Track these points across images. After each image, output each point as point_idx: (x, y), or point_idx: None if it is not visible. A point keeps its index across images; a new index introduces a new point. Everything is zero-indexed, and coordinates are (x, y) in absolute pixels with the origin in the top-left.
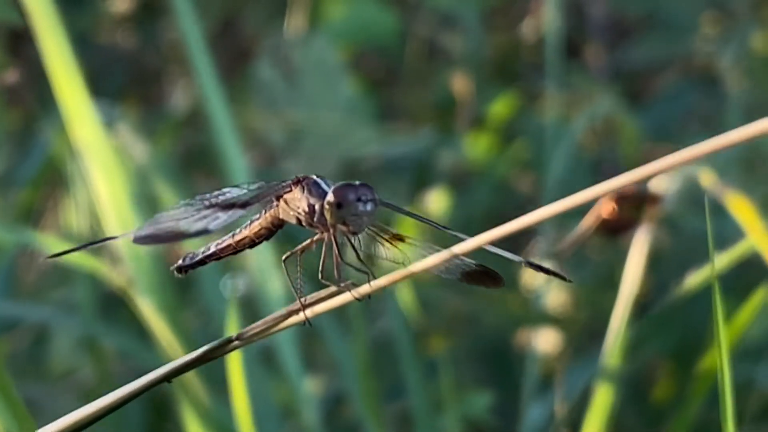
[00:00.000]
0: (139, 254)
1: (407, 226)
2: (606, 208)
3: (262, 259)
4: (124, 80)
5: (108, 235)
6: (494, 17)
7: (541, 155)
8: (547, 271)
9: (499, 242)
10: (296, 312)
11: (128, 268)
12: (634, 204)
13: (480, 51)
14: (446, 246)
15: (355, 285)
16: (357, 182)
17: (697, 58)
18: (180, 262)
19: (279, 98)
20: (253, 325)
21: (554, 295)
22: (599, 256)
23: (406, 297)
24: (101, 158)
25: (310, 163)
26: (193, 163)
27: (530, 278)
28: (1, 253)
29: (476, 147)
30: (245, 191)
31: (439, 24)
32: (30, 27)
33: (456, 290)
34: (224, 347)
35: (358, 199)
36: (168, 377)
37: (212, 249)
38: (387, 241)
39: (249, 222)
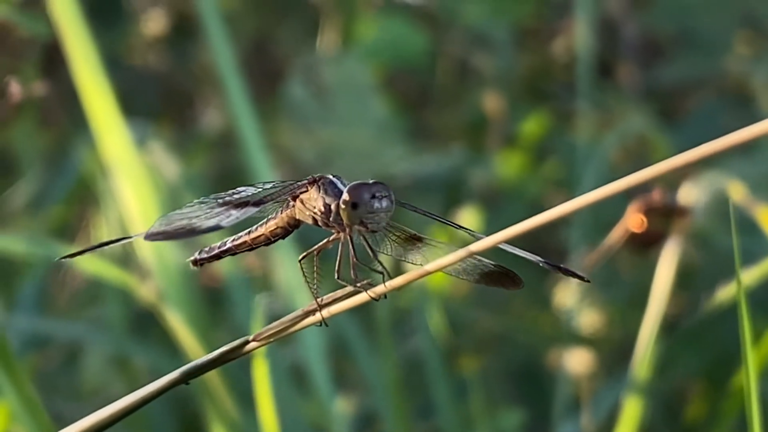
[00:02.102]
0: (169, 270)
1: (440, 233)
2: (634, 221)
3: (293, 282)
4: (157, 101)
5: (136, 253)
6: (526, 36)
7: (573, 174)
8: (564, 271)
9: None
10: (313, 312)
11: (158, 284)
12: (663, 216)
13: (512, 70)
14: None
15: (372, 285)
16: (371, 181)
17: (731, 77)
18: (196, 255)
19: (310, 117)
20: (270, 325)
21: (586, 315)
22: (632, 275)
23: (436, 316)
24: (132, 176)
25: None
26: (226, 182)
27: (562, 298)
28: (33, 269)
29: (508, 166)
30: (260, 190)
31: (471, 43)
32: (62, 47)
33: (488, 309)
34: (241, 348)
35: (373, 197)
36: (186, 378)
37: (228, 244)
38: (405, 241)
39: (265, 220)
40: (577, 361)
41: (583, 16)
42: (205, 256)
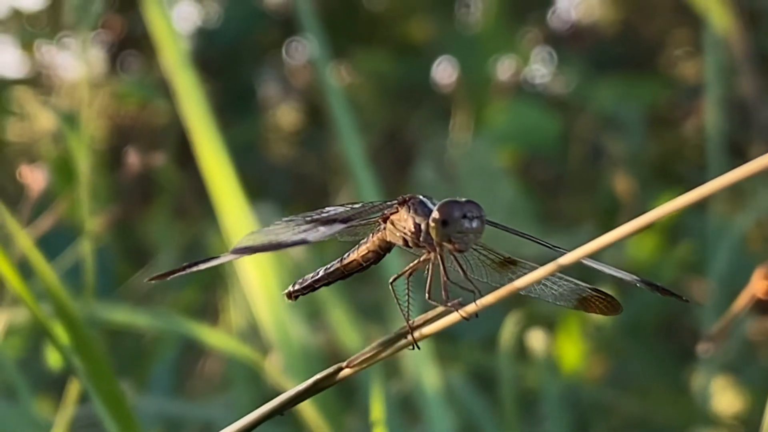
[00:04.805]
0: (291, 345)
1: None
2: (760, 287)
3: (420, 362)
4: (289, 188)
5: (265, 338)
6: (656, 119)
7: (706, 254)
8: (662, 290)
9: (666, 340)
10: (405, 335)
11: (281, 358)
12: None
13: (643, 152)
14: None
15: (462, 304)
16: (463, 199)
17: None
18: (290, 288)
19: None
20: (362, 351)
21: (724, 398)
22: None
23: (568, 398)
24: (257, 260)
25: None
26: None
27: (699, 381)
28: (165, 351)
29: (640, 248)
30: (347, 209)
31: (602, 127)
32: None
33: (625, 391)
34: (335, 375)
35: (464, 216)
36: (281, 409)
37: (321, 273)
38: (499, 266)
39: (357, 246)
40: None
41: (714, 98)
42: (298, 287)
